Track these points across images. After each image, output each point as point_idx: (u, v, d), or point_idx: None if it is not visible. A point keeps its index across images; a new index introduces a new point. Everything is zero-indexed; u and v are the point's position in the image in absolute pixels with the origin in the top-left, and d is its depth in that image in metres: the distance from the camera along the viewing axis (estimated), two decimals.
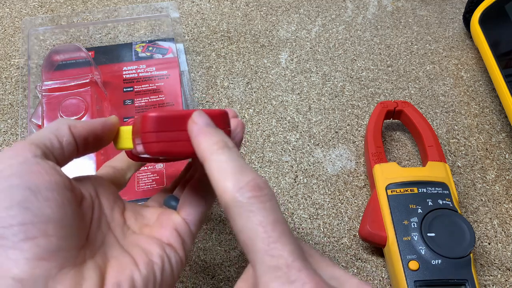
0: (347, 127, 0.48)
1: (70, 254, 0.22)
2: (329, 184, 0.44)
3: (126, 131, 0.28)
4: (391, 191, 0.39)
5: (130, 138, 0.27)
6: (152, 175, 0.42)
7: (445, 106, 0.50)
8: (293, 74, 0.52)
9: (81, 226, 0.24)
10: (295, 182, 0.44)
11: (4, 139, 0.46)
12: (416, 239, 0.36)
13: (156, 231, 0.27)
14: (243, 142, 0.47)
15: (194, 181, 0.29)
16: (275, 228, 0.20)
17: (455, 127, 0.49)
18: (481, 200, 0.43)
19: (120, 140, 0.28)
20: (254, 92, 0.51)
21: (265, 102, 0.50)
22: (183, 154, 0.25)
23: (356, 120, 0.49)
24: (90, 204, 0.26)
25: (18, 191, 0.21)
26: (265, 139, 0.47)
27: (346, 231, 0.41)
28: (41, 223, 0.21)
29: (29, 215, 0.21)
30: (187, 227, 0.28)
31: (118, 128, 0.28)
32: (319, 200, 0.43)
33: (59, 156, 0.24)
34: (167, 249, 0.26)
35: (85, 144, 0.26)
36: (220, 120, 0.26)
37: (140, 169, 0.43)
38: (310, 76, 0.52)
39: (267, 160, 0.46)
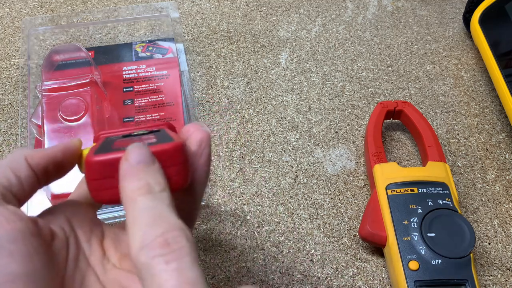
0: (347, 127, 0.48)
1: None
2: (329, 184, 0.44)
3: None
4: (391, 191, 0.39)
5: None
6: None
7: (445, 106, 0.50)
8: (293, 74, 0.52)
9: (54, 273, 0.22)
10: (295, 182, 0.44)
11: (4, 139, 0.46)
12: (416, 239, 0.36)
13: None
14: (243, 142, 0.47)
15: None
16: None
17: (455, 127, 0.49)
18: (481, 200, 0.43)
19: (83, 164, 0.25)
20: (254, 92, 0.51)
21: (265, 102, 0.50)
22: None
23: (356, 120, 0.49)
24: (63, 241, 0.23)
25: None
26: (265, 139, 0.47)
27: (346, 231, 0.41)
28: (8, 282, 0.19)
29: None
30: None
31: (81, 151, 0.25)
32: (319, 200, 0.43)
33: (19, 192, 0.22)
34: None
35: (45, 174, 0.24)
36: (170, 156, 0.22)
37: None
38: (310, 76, 0.52)
39: (267, 160, 0.46)
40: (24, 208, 0.23)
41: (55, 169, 0.24)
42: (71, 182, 0.28)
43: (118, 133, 0.27)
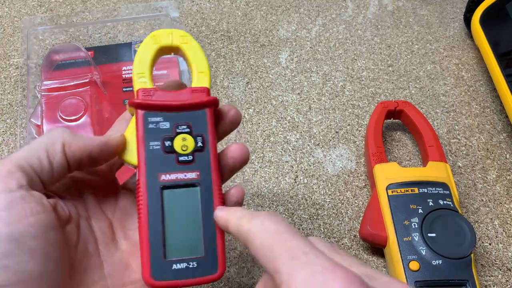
0: (348, 127, 0.48)
1: None
2: (330, 184, 0.44)
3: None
4: (392, 191, 0.39)
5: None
6: None
7: (446, 106, 0.50)
8: (293, 74, 0.52)
9: (67, 265, 0.22)
10: (295, 182, 0.44)
11: (3, 139, 0.46)
12: (416, 239, 0.36)
13: None
14: (243, 142, 0.47)
15: None
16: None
17: (456, 127, 0.48)
18: (482, 200, 0.43)
19: (126, 152, 0.26)
20: (254, 92, 0.50)
21: (265, 102, 0.50)
22: None
23: (357, 120, 0.49)
24: (76, 223, 0.24)
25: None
26: (265, 139, 0.47)
27: (346, 232, 0.41)
28: (22, 282, 0.19)
29: (9, 274, 0.19)
30: None
31: (124, 142, 0.26)
32: (319, 201, 0.43)
33: (47, 178, 0.22)
34: None
35: (78, 164, 0.24)
36: None
37: None
38: (310, 76, 0.52)
39: (267, 160, 0.45)
40: None
41: (89, 161, 0.24)
42: None
43: (158, 106, 0.27)
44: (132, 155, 0.26)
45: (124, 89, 0.47)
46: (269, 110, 0.49)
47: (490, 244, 0.40)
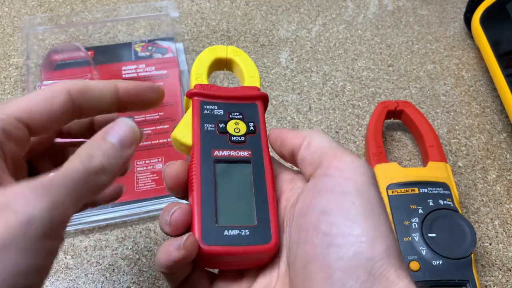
0: (348, 127, 0.48)
1: None
2: None
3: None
4: (392, 191, 0.39)
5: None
6: (151, 175, 0.42)
7: (446, 106, 0.50)
8: (293, 74, 0.52)
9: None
10: None
11: None
12: (417, 239, 0.36)
13: None
14: None
15: None
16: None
17: (456, 127, 0.48)
18: (482, 200, 0.43)
19: (181, 136, 0.27)
20: None
21: None
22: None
23: (357, 120, 0.49)
24: None
25: None
26: None
27: None
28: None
29: None
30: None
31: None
32: None
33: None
34: None
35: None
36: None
37: (139, 170, 0.42)
38: (311, 76, 0.52)
39: None
40: None
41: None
42: None
43: (213, 95, 0.28)
44: (187, 137, 0.27)
45: None
46: (269, 110, 0.49)
47: (490, 244, 0.40)
